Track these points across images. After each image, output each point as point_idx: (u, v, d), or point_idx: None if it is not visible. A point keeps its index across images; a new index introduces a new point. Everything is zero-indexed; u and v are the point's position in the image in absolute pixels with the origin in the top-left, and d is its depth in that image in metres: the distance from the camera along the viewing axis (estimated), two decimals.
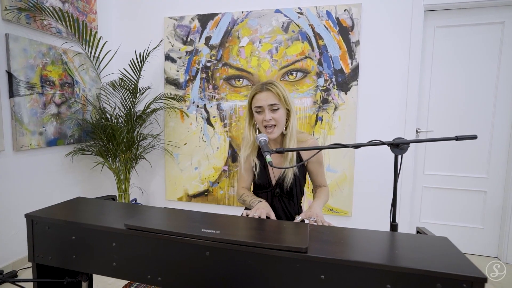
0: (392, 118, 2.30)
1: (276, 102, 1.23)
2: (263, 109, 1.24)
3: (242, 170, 1.38)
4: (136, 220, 0.88)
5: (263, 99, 1.23)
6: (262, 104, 1.23)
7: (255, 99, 1.26)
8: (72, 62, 2.34)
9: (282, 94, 1.23)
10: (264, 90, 1.24)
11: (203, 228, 0.83)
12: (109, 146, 2.42)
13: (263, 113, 1.24)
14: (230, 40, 2.53)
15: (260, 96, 1.24)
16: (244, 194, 1.36)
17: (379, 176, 2.35)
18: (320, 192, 1.35)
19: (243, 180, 1.41)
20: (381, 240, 0.86)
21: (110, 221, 0.90)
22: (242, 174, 1.40)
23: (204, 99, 2.63)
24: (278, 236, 0.81)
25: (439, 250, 0.76)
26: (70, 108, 2.35)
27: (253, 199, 1.30)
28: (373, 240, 0.85)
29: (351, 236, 0.88)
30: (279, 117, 1.25)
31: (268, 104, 1.23)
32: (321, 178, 1.37)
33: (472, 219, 2.31)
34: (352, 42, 2.30)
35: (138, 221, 0.87)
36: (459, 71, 2.24)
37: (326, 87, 2.37)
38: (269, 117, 1.23)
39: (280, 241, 0.76)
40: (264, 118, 1.23)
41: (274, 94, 1.23)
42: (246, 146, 1.34)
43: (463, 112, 2.25)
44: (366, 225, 2.39)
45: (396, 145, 1.03)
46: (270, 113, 1.24)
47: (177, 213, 0.98)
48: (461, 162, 2.30)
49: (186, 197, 2.75)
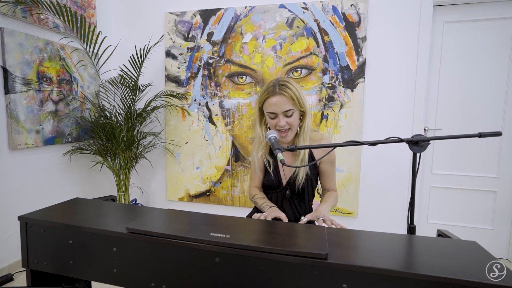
0: (400, 116, 2.23)
1: (290, 107, 1.16)
2: (277, 115, 1.17)
3: (255, 169, 1.32)
4: (138, 223, 0.81)
5: (277, 105, 1.15)
6: (276, 111, 1.16)
7: (268, 103, 1.18)
8: (70, 58, 2.27)
9: (296, 96, 1.16)
10: (276, 94, 1.15)
11: (212, 232, 0.76)
12: (109, 145, 2.35)
13: (277, 119, 1.18)
14: (232, 36, 2.47)
15: (272, 101, 1.16)
16: (256, 195, 1.30)
17: (386, 176, 2.29)
18: (328, 196, 1.29)
19: (255, 180, 1.36)
20: (404, 244, 0.79)
21: (110, 224, 0.84)
22: (255, 173, 1.34)
23: (206, 96, 2.57)
24: (294, 240, 0.74)
25: (470, 256, 0.70)
26: (68, 106, 2.28)
27: (264, 203, 1.24)
28: (395, 245, 0.79)
29: (370, 239, 0.82)
30: (293, 121, 1.19)
31: (283, 111, 1.16)
32: (331, 181, 1.30)
33: (482, 220, 2.25)
34: (358, 38, 2.23)
35: (140, 224, 0.80)
36: (468, 68, 2.18)
37: (331, 84, 2.31)
38: (284, 122, 1.17)
39: (297, 246, 0.70)
40: (279, 124, 1.17)
41: (288, 99, 1.15)
42: (259, 146, 1.28)
43: (472, 110, 2.19)
44: (372, 226, 2.33)
45: (415, 143, 0.97)
46: (284, 119, 1.17)
47: (182, 215, 0.92)
48: (470, 161, 2.24)
49: (187, 198, 2.68)
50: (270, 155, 1.30)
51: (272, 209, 1.18)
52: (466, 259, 0.68)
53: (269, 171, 1.28)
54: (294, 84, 1.18)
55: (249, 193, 1.38)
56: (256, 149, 1.30)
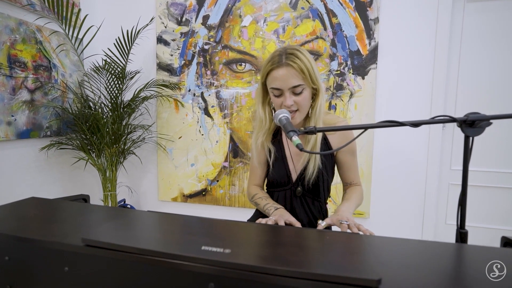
0: (417, 105, 2.02)
1: (300, 83, 0.92)
2: (283, 92, 0.93)
3: (254, 162, 1.09)
4: (100, 231, 0.58)
5: (282, 79, 0.92)
6: (282, 86, 0.93)
7: (271, 77, 0.94)
8: (48, 42, 2.02)
9: (308, 69, 0.92)
10: (283, 65, 0.91)
11: (204, 245, 0.53)
12: (93, 139, 2.11)
13: (282, 97, 0.94)
14: (230, 19, 2.24)
15: (278, 73, 0.92)
16: (257, 195, 1.07)
17: (400, 173, 2.07)
18: (351, 192, 1.06)
19: (256, 176, 1.12)
20: (471, 260, 0.57)
21: (63, 234, 0.60)
22: (254, 167, 1.11)
23: (202, 86, 2.33)
24: (325, 257, 0.51)
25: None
26: (47, 95, 2.04)
27: (268, 204, 1.01)
28: (461, 261, 0.56)
29: (421, 252, 0.59)
30: (303, 100, 0.94)
31: (290, 86, 0.92)
32: (353, 172, 1.08)
33: (504, 220, 2.04)
34: (370, 20, 2.01)
35: (103, 234, 0.57)
36: (491, 51, 1.96)
37: (340, 71, 2.08)
38: (291, 101, 0.93)
39: (330, 267, 0.47)
40: (285, 104, 0.93)
41: (297, 71, 0.91)
42: (260, 131, 1.04)
43: (495, 98, 1.98)
44: (387, 229, 2.11)
45: (470, 123, 0.74)
46: (292, 97, 0.93)
47: (166, 220, 0.69)
48: (492, 155, 2.02)
49: (181, 197, 2.44)
50: (273, 143, 1.07)
51: (280, 211, 0.96)
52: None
53: (273, 162, 1.05)
54: (306, 54, 0.94)
55: (248, 193, 1.14)
56: (255, 135, 1.07)
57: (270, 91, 0.97)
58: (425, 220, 2.07)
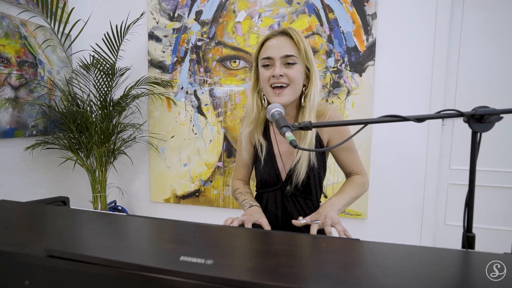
0: (415, 103, 1.96)
1: (293, 53, 0.87)
2: (274, 61, 0.88)
3: (242, 154, 1.03)
4: (66, 240, 0.51)
5: (276, 47, 0.88)
6: (273, 54, 0.87)
7: (265, 46, 0.91)
8: (34, 37, 1.94)
9: (304, 45, 0.88)
10: (279, 34, 0.89)
11: (184, 254, 0.46)
12: (81, 138, 2.03)
13: (272, 68, 0.88)
14: (224, 14, 2.17)
15: (272, 42, 0.89)
16: (238, 189, 1.02)
17: (399, 172, 2.02)
18: (348, 183, 0.98)
19: (241, 169, 1.07)
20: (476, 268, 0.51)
21: (26, 243, 0.53)
22: (240, 160, 1.05)
23: (195, 84, 2.26)
24: (321, 269, 0.45)
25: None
26: (32, 93, 1.95)
27: (245, 200, 0.96)
28: (470, 270, 0.50)
29: (428, 260, 0.53)
30: (295, 75, 0.88)
31: (282, 55, 0.87)
32: (351, 161, 1.00)
33: (503, 220, 1.99)
34: (368, 15, 1.96)
35: (69, 243, 0.50)
36: (491, 47, 1.91)
37: (337, 68, 2.02)
38: (281, 71, 0.87)
39: (329, 281, 0.40)
40: (274, 73, 0.87)
41: (292, 42, 0.88)
42: (249, 119, 0.98)
43: (496, 94, 1.93)
44: (385, 230, 2.05)
45: (478, 118, 0.68)
46: (282, 68, 0.87)
47: (144, 225, 0.62)
48: (492, 154, 1.97)
49: (174, 199, 2.37)
50: (265, 137, 1.01)
51: (252, 210, 0.89)
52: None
53: (260, 159, 0.99)
54: (303, 36, 0.91)
55: (231, 187, 1.09)
56: (244, 124, 1.01)
57: (260, 64, 0.92)
58: (424, 220, 2.02)
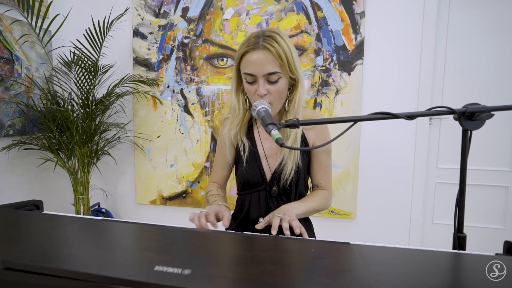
0: (404, 101, 1.96)
1: (276, 70, 0.82)
2: (256, 79, 0.83)
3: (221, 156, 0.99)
4: (27, 251, 0.46)
5: (257, 64, 0.82)
6: (256, 72, 0.82)
7: (245, 60, 0.84)
8: (10, 31, 1.85)
9: (286, 55, 0.82)
10: (259, 47, 0.81)
11: (159, 264, 0.42)
12: (62, 138, 1.94)
13: (256, 85, 0.84)
14: (211, 11, 2.12)
15: (252, 57, 0.82)
16: (210, 191, 0.99)
17: (387, 171, 2.02)
18: (312, 195, 0.97)
19: (218, 171, 1.04)
20: (471, 270, 0.49)
21: None
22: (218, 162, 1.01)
23: (181, 82, 2.20)
24: (310, 277, 0.41)
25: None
26: (8, 91, 1.86)
27: (215, 201, 0.93)
28: (463, 273, 0.48)
29: (420, 262, 0.50)
30: (278, 91, 0.85)
31: (265, 73, 0.82)
32: (324, 174, 0.98)
33: (492, 219, 2.01)
34: (356, 14, 1.95)
35: (29, 254, 0.45)
36: (478, 45, 1.93)
37: (326, 67, 2.01)
38: (264, 90, 0.83)
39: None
40: (257, 92, 0.83)
41: (274, 57, 0.81)
42: (234, 121, 0.94)
43: (482, 94, 1.95)
44: (374, 229, 2.05)
45: (469, 116, 0.67)
46: (266, 85, 0.83)
47: (118, 231, 0.57)
48: (479, 153, 2.00)
49: (160, 200, 2.31)
50: (248, 137, 0.97)
51: (211, 208, 0.86)
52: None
53: (243, 160, 0.95)
54: (287, 40, 0.84)
55: (206, 189, 1.07)
56: (228, 125, 0.97)
57: (243, 76, 0.87)
58: (412, 219, 2.02)
